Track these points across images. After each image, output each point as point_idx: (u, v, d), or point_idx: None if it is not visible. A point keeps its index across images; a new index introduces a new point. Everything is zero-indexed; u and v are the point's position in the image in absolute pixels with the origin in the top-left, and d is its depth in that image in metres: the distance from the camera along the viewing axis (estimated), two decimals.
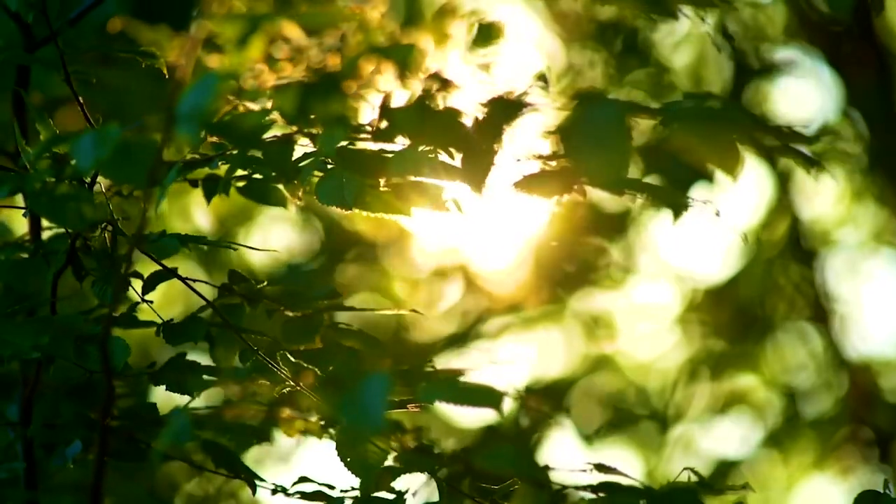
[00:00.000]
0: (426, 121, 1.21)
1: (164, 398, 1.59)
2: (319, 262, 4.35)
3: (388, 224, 1.38)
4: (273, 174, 1.40)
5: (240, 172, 1.47)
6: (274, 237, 4.36)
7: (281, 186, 1.48)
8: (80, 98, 1.47)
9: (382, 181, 1.35)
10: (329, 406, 1.32)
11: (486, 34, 1.22)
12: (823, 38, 4.26)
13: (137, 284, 1.52)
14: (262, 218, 4.31)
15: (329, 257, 4.38)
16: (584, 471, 1.35)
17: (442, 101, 1.21)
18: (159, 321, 1.51)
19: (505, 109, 1.21)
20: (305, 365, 1.43)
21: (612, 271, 4.51)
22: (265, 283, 1.51)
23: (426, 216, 1.36)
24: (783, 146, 1.22)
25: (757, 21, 4.30)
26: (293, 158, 1.31)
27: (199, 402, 1.46)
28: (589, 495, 1.33)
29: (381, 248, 4.39)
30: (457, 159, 1.26)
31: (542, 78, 1.21)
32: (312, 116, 1.18)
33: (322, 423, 1.38)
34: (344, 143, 1.28)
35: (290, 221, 4.33)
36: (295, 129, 1.27)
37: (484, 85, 1.22)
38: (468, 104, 1.23)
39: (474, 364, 1.25)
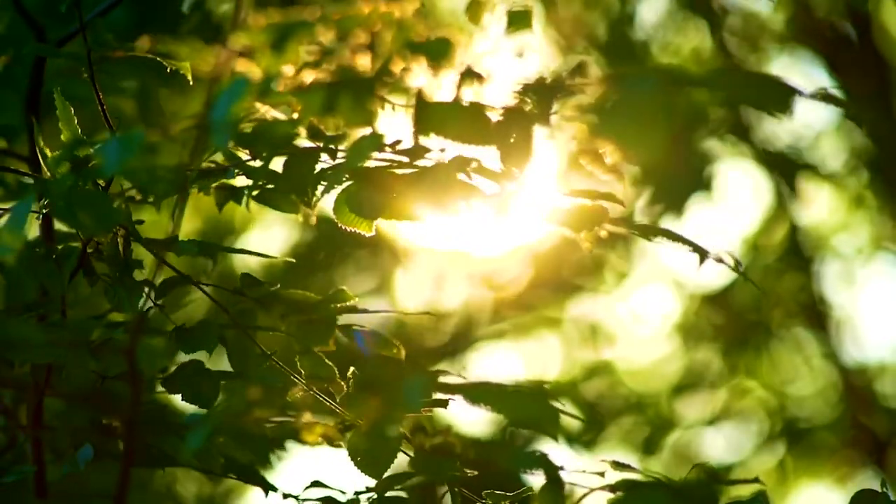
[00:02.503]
0: (461, 118, 1.20)
1: (166, 398, 1.57)
2: (319, 265, 4.34)
3: (389, 228, 1.37)
4: (288, 185, 1.38)
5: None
6: (271, 238, 4.35)
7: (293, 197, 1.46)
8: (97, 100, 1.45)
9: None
10: (359, 408, 1.31)
11: (518, 20, 1.21)
12: (822, 45, 4.26)
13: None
14: (258, 220, 4.30)
15: (329, 260, 4.37)
16: (601, 471, 1.35)
17: (475, 96, 1.20)
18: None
19: (545, 93, 1.19)
20: (323, 370, 1.42)
21: (611, 277, 4.51)
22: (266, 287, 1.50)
23: (432, 220, 1.35)
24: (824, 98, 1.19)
25: (756, 28, 4.30)
26: (314, 172, 1.29)
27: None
28: (608, 495, 1.32)
29: (381, 251, 4.38)
30: (488, 160, 1.25)
31: (582, 65, 1.20)
32: (339, 117, 1.17)
33: (341, 426, 1.36)
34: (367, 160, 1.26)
35: (288, 224, 4.32)
36: (319, 144, 1.25)
37: (516, 75, 1.21)
38: (500, 96, 1.21)
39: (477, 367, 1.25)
